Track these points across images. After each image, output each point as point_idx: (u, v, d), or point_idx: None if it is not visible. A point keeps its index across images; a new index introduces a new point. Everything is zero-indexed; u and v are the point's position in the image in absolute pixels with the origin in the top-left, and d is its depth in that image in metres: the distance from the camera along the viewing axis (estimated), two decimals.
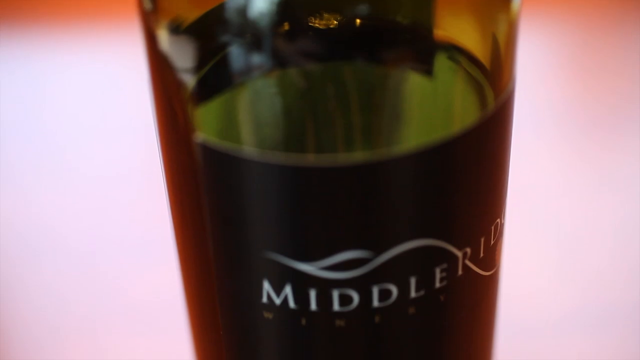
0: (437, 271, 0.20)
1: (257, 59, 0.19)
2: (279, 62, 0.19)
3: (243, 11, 0.19)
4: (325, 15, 0.19)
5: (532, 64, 0.47)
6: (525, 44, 0.47)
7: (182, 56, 0.20)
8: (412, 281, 0.20)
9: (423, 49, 0.20)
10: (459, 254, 0.21)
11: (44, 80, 0.47)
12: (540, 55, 0.48)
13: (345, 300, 0.20)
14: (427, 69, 0.20)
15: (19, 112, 0.45)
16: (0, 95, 0.46)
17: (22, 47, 0.49)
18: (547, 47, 0.49)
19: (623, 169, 0.41)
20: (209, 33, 0.20)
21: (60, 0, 0.52)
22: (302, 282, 0.20)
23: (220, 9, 0.19)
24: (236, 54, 0.19)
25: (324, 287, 0.20)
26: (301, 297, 0.20)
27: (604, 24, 0.49)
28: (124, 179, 0.41)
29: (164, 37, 0.20)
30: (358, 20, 0.19)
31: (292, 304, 0.21)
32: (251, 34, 0.19)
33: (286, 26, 0.19)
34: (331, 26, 0.19)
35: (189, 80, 0.20)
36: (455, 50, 0.20)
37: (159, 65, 0.21)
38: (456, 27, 0.20)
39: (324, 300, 0.20)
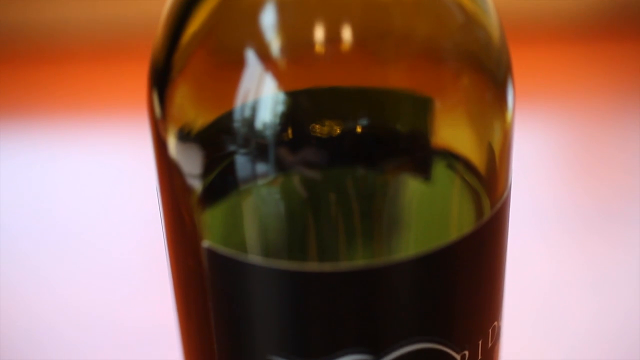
0: None
1: (261, 167, 0.20)
2: (282, 169, 0.20)
3: (248, 121, 0.20)
4: (327, 123, 0.20)
5: (532, 158, 0.47)
6: (525, 137, 0.48)
7: (190, 162, 0.21)
8: None
9: (422, 157, 0.21)
10: (457, 356, 0.21)
11: (50, 174, 0.48)
12: (539, 149, 0.48)
13: None
14: (426, 177, 0.21)
15: (28, 204, 0.46)
16: (7, 186, 0.47)
17: (37, 140, 0.50)
18: (546, 141, 0.49)
19: (624, 265, 0.41)
20: (215, 141, 0.21)
21: (65, 95, 0.53)
22: None
23: (226, 118, 0.20)
24: (241, 161, 0.20)
25: None
26: None
27: (603, 118, 0.50)
28: (129, 275, 0.41)
29: (172, 144, 0.21)
30: (359, 129, 0.20)
31: None
32: (256, 142, 0.20)
33: (289, 135, 0.20)
34: (333, 135, 0.20)
35: (197, 186, 0.21)
36: (453, 158, 0.21)
37: (168, 171, 0.22)
38: (454, 136, 0.21)
39: None
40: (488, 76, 0.21)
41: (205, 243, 0.20)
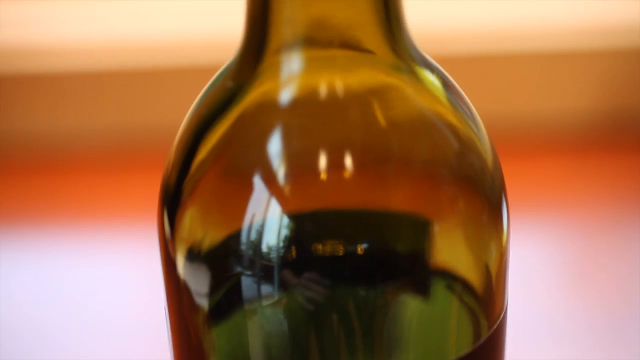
0: None
1: (265, 288, 0.21)
2: (286, 290, 0.21)
3: (253, 243, 0.21)
4: (329, 245, 0.21)
5: (530, 271, 0.47)
6: (523, 248, 0.48)
7: (198, 281, 0.21)
8: None
9: (421, 278, 0.21)
10: None
11: (54, 285, 0.48)
12: (537, 262, 0.48)
13: None
14: (425, 298, 0.21)
15: (33, 310, 0.46)
16: (12, 294, 0.47)
17: (43, 250, 0.50)
18: (545, 252, 0.49)
19: None
20: (222, 261, 0.21)
21: (66, 205, 0.53)
22: None
23: (232, 240, 0.21)
24: (246, 282, 0.21)
25: None
26: None
27: (599, 230, 0.50)
28: None
29: (181, 264, 0.22)
30: (360, 250, 0.21)
31: None
32: (261, 264, 0.21)
33: (293, 257, 0.21)
34: (335, 256, 0.21)
35: (204, 305, 0.22)
36: (451, 279, 0.22)
37: (176, 289, 0.22)
38: (451, 258, 0.21)
39: None
40: (483, 199, 0.22)
41: None
